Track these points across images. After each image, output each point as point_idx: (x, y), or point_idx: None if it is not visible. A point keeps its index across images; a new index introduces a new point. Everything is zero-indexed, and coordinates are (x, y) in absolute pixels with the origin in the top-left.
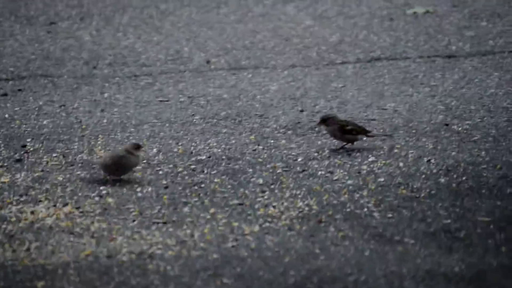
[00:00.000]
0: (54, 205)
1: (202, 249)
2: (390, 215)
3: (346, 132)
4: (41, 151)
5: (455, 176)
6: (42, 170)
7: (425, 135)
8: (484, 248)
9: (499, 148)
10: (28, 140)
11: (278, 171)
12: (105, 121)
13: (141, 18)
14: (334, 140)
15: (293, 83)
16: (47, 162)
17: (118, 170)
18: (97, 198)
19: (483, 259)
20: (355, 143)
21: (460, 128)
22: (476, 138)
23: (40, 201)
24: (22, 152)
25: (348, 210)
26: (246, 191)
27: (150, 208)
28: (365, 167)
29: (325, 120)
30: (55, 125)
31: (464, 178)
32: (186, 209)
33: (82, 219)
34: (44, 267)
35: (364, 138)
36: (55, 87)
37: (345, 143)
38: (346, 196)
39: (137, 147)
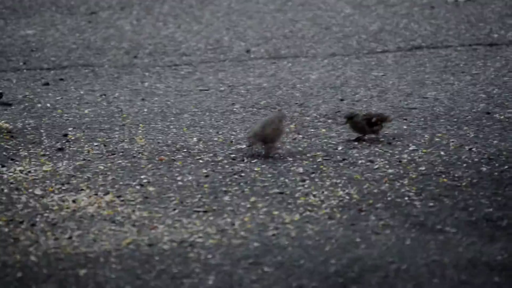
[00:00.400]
0: (96, 194)
1: (243, 238)
2: (431, 204)
3: (373, 125)
4: (82, 140)
5: (497, 164)
6: (84, 159)
7: (466, 124)
8: None
9: None
10: (70, 129)
11: (318, 160)
12: (145, 110)
13: (181, 7)
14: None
15: (333, 72)
16: (89, 151)
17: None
18: (138, 187)
19: None
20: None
21: (502, 117)
22: None
23: (82, 189)
24: (63, 141)
25: (388, 199)
26: (286, 180)
27: (190, 197)
28: (405, 155)
29: (351, 118)
30: (96, 114)
31: (506, 166)
32: (226, 197)
33: (123, 208)
34: (86, 255)
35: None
36: (96, 77)
37: (362, 135)
38: (386, 185)
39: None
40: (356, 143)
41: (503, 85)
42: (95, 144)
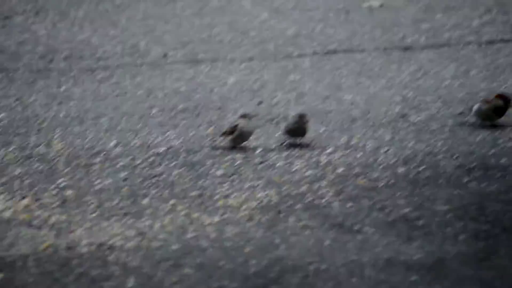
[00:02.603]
0: (12, 198)
1: (163, 240)
2: (349, 205)
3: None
4: None
5: (412, 166)
6: (0, 163)
7: (382, 126)
8: (442, 236)
9: (456, 138)
10: None
11: (237, 163)
12: (62, 114)
13: (97, 12)
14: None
15: (251, 76)
16: (4, 156)
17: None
18: (55, 191)
19: (441, 247)
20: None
21: (417, 119)
22: (433, 128)
23: None
24: None
25: (307, 200)
26: (205, 183)
27: (109, 200)
28: (323, 158)
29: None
30: (11, 119)
31: (421, 168)
32: (145, 201)
33: (41, 212)
34: (3, 259)
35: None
36: (11, 81)
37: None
38: (305, 186)
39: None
40: (275, 145)
41: (418, 88)
42: (11, 148)
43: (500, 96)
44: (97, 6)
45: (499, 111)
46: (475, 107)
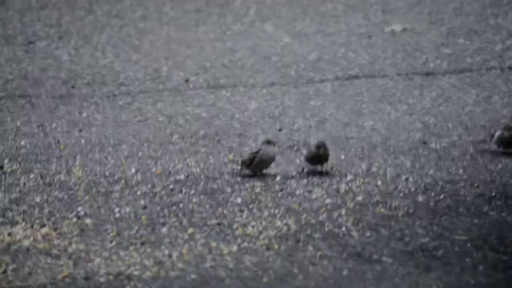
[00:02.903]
0: (32, 227)
1: (180, 270)
2: (368, 234)
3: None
4: (18, 172)
5: (432, 194)
6: (20, 191)
7: (403, 153)
8: (461, 266)
9: (476, 166)
10: (6, 160)
11: (256, 190)
12: (83, 141)
13: (119, 37)
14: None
15: (272, 102)
16: (25, 183)
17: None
18: (74, 219)
19: (460, 277)
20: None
21: (438, 146)
22: (454, 156)
23: (17, 222)
24: None
25: (326, 229)
26: (225, 211)
27: (128, 229)
28: (343, 185)
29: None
30: (33, 146)
31: (441, 196)
32: (164, 229)
33: (60, 241)
34: None
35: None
36: (33, 107)
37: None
38: (324, 215)
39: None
40: (295, 173)
41: (439, 115)
42: (32, 176)
43: None
44: (120, 31)
45: None
46: (497, 134)
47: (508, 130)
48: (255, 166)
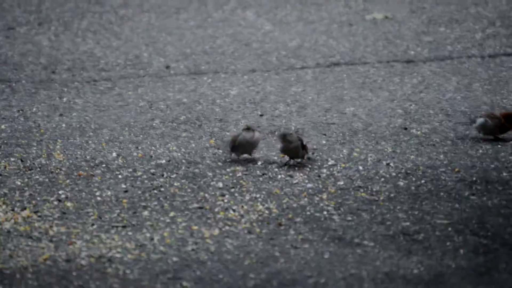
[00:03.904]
0: (12, 209)
1: (162, 253)
2: (349, 218)
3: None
4: None
5: (414, 179)
6: (0, 174)
7: (384, 139)
8: (442, 250)
9: (457, 151)
10: None
11: (238, 175)
12: (63, 125)
13: (100, 23)
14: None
15: (253, 88)
16: (5, 167)
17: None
18: (55, 202)
19: (441, 261)
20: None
21: (418, 132)
22: (435, 141)
23: None
24: None
25: (308, 213)
26: (206, 195)
27: (109, 212)
28: (324, 170)
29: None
30: (13, 130)
31: (422, 181)
32: (145, 212)
33: (41, 223)
34: (2, 271)
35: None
36: (13, 92)
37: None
38: (306, 199)
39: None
40: (276, 158)
41: (420, 101)
42: (12, 159)
43: (508, 116)
44: (100, 18)
45: (504, 128)
46: (479, 121)
47: (492, 118)
48: (235, 150)
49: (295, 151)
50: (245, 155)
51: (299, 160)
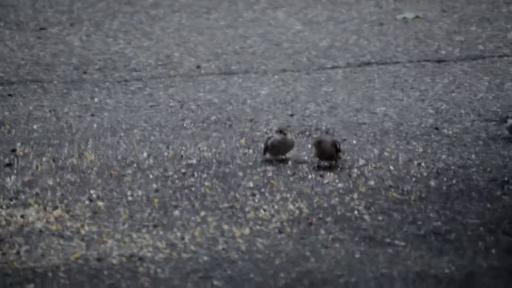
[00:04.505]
0: (44, 209)
1: (193, 252)
2: (380, 218)
3: (338, 151)
4: (31, 155)
5: (445, 179)
6: (32, 174)
7: (415, 139)
8: (474, 250)
9: (489, 151)
10: (18, 144)
11: (268, 175)
12: (95, 125)
13: (131, 23)
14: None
15: (284, 88)
16: (37, 167)
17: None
18: (87, 202)
19: (473, 261)
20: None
21: (450, 132)
22: (466, 141)
23: (30, 205)
24: (12, 157)
25: (338, 213)
26: (237, 194)
27: (140, 212)
28: (355, 170)
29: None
30: (45, 130)
31: (454, 181)
32: (176, 212)
33: (72, 223)
34: (34, 270)
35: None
36: (45, 92)
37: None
38: (336, 199)
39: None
40: (307, 157)
41: (451, 101)
42: (44, 159)
43: None
44: (131, 17)
45: None
46: (510, 121)
47: None
48: (269, 152)
49: (329, 155)
50: (279, 156)
51: (333, 162)
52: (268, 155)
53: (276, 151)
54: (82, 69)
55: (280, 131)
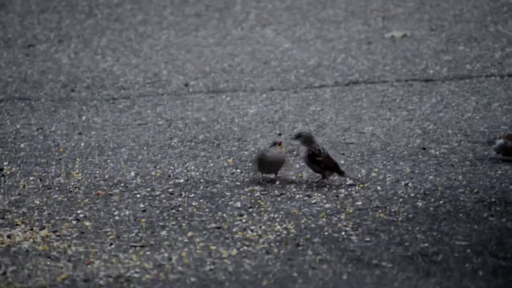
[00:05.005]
0: (31, 229)
1: (180, 273)
2: (367, 239)
3: (314, 162)
4: (18, 174)
5: (432, 200)
6: (19, 194)
7: (402, 159)
8: (461, 272)
9: (476, 172)
10: (5, 163)
11: (256, 195)
12: (82, 144)
13: (119, 41)
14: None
15: (272, 107)
16: (24, 186)
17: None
18: (74, 222)
19: (460, 283)
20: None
21: (437, 152)
22: (453, 162)
23: (17, 224)
24: None
25: (326, 233)
26: (224, 215)
27: (127, 232)
28: (342, 190)
29: (299, 136)
30: (32, 148)
31: (441, 202)
32: (163, 232)
33: (59, 243)
34: None
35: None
36: (32, 110)
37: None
38: (324, 219)
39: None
40: (294, 177)
41: (438, 121)
42: (31, 178)
43: None
44: (120, 35)
45: None
46: (498, 142)
47: (509, 139)
48: (262, 167)
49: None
50: (270, 175)
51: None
52: (259, 173)
53: (270, 167)
54: (70, 86)
55: (275, 144)
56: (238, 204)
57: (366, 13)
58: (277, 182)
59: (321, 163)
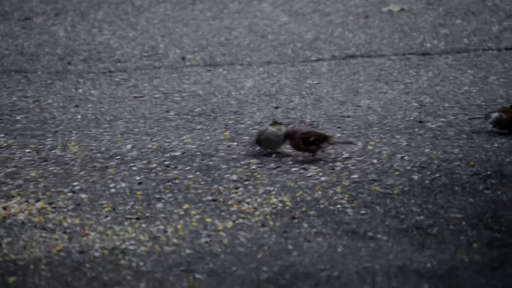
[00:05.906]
0: (27, 201)
1: (175, 245)
2: (363, 212)
3: (310, 144)
4: (14, 146)
5: (428, 173)
6: (15, 166)
7: (399, 132)
8: (456, 244)
9: (472, 145)
10: (1, 135)
11: (252, 168)
12: (79, 116)
13: (116, 14)
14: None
15: (268, 80)
16: (20, 158)
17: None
18: (70, 194)
19: (455, 255)
20: (319, 152)
21: (433, 125)
22: (450, 135)
23: (13, 196)
24: None
25: (321, 206)
26: (220, 187)
27: (123, 204)
28: (339, 163)
29: (288, 136)
30: (29, 121)
31: (437, 175)
32: (159, 205)
33: (55, 215)
34: (16, 262)
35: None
36: (29, 83)
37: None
38: (319, 192)
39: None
40: (291, 150)
41: (435, 94)
42: (27, 150)
43: None
44: (116, 8)
45: None
46: (494, 115)
47: (506, 112)
48: (262, 145)
49: (297, 148)
50: (269, 150)
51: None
52: (258, 148)
53: (269, 144)
54: (66, 59)
55: (275, 123)
56: (234, 177)
57: None
58: (273, 155)
59: (315, 140)
